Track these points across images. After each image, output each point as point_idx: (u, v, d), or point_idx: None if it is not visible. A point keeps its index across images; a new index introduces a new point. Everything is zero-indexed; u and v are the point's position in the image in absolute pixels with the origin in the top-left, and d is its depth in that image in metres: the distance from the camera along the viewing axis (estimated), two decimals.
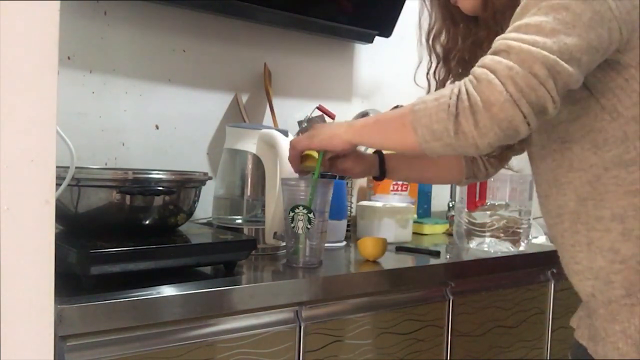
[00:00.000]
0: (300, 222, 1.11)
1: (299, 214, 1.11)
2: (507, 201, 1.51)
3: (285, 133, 1.24)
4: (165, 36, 1.47)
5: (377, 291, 1.17)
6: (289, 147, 1.09)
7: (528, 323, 1.48)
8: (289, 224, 1.13)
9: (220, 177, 1.36)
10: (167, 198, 1.03)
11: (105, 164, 1.38)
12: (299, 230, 1.12)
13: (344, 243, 1.46)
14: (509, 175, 1.48)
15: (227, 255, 1.06)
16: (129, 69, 1.42)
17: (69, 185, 0.93)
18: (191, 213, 1.13)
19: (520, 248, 1.49)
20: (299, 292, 1.04)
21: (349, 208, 1.57)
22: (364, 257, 1.26)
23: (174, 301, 0.89)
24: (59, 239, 0.76)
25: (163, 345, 0.89)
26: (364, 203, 1.59)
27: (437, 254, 1.39)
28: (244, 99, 1.60)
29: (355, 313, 1.13)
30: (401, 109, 0.86)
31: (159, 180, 1.03)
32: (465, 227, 1.53)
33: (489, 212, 1.50)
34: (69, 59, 1.33)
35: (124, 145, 1.41)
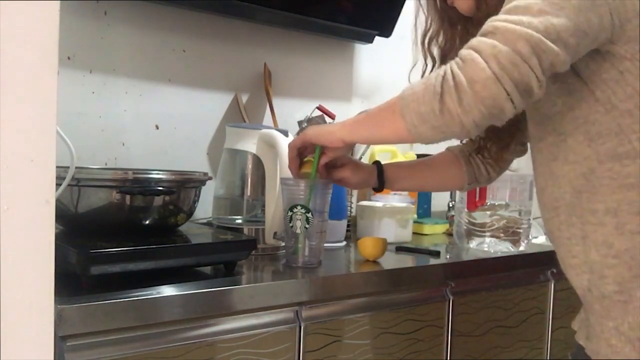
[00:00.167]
0: (299, 222, 1.11)
1: (297, 214, 1.11)
2: (507, 201, 1.51)
3: (285, 133, 1.24)
4: (165, 36, 1.47)
5: (377, 291, 1.17)
6: (288, 151, 1.09)
7: (528, 323, 1.48)
8: (287, 223, 1.13)
9: (220, 177, 1.36)
10: (167, 198, 1.03)
11: (105, 164, 1.38)
12: (297, 230, 1.12)
13: (344, 243, 1.46)
14: (509, 175, 1.48)
15: (227, 255, 1.06)
16: (129, 69, 1.42)
17: (69, 185, 0.93)
18: (191, 213, 1.13)
19: (520, 248, 1.49)
20: (299, 292, 1.04)
21: (349, 208, 1.57)
22: (364, 257, 1.26)
23: (174, 301, 0.89)
24: (59, 239, 0.76)
25: (163, 345, 0.89)
26: (364, 203, 1.59)
27: (437, 254, 1.39)
28: (244, 99, 1.60)
29: (355, 313, 1.13)
30: (391, 99, 0.87)
31: (159, 180, 1.03)
32: (465, 227, 1.53)
33: (489, 212, 1.50)
34: (69, 59, 1.33)
35: (124, 145, 1.41)
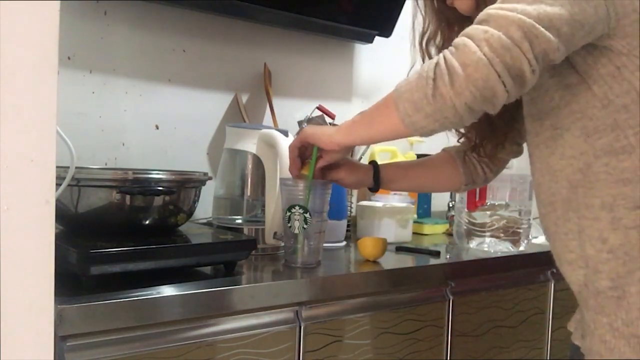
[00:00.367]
0: (297, 222, 1.11)
1: (295, 214, 1.11)
2: (507, 201, 1.51)
3: (285, 133, 1.24)
4: (165, 36, 1.47)
5: (377, 291, 1.17)
6: (289, 152, 1.09)
7: (528, 323, 1.48)
8: (286, 223, 1.13)
9: (220, 177, 1.36)
10: (167, 198, 1.03)
11: (105, 164, 1.38)
12: (295, 230, 1.12)
13: (344, 243, 1.46)
14: (509, 175, 1.48)
15: (227, 255, 1.06)
16: (129, 69, 1.42)
17: (69, 185, 0.93)
18: (191, 213, 1.13)
19: (520, 248, 1.49)
20: (299, 292, 1.04)
21: (349, 208, 1.57)
22: (364, 257, 1.26)
23: (174, 301, 0.89)
24: (59, 239, 0.76)
25: (163, 345, 0.89)
26: (364, 203, 1.59)
27: (437, 254, 1.39)
28: (244, 99, 1.60)
29: (355, 313, 1.13)
30: (385, 95, 0.87)
31: (159, 180, 1.03)
32: (465, 227, 1.53)
33: (489, 212, 1.50)
34: (69, 59, 1.33)
35: (124, 145, 1.41)
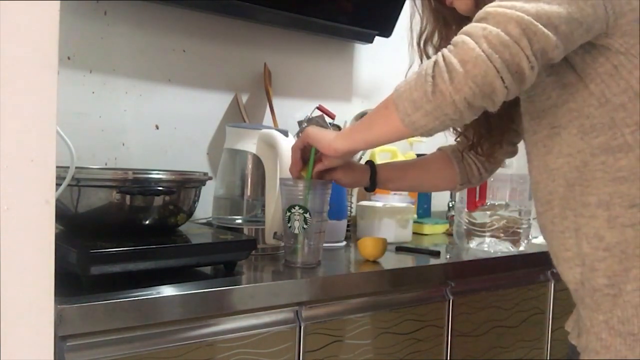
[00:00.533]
0: (297, 222, 1.11)
1: (295, 214, 1.11)
2: (507, 201, 1.51)
3: (285, 133, 1.24)
4: (165, 36, 1.47)
5: (377, 291, 1.17)
6: (292, 153, 1.10)
7: (528, 323, 1.48)
8: (285, 224, 1.13)
9: (220, 177, 1.36)
10: (167, 198, 1.03)
11: (105, 164, 1.38)
12: (295, 230, 1.12)
13: (344, 243, 1.46)
14: (509, 175, 1.48)
15: (227, 255, 1.06)
16: (129, 69, 1.42)
17: (69, 185, 0.93)
18: (191, 213, 1.13)
19: (520, 248, 1.49)
20: (299, 292, 1.04)
21: (349, 208, 1.57)
22: (364, 257, 1.26)
23: (174, 301, 0.89)
24: (59, 239, 0.75)
25: (163, 345, 0.89)
26: (364, 203, 1.59)
27: (437, 254, 1.39)
28: (244, 99, 1.60)
29: (355, 313, 1.13)
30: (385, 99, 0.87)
31: (159, 180, 1.03)
32: (465, 227, 1.53)
33: (489, 212, 1.50)
34: (69, 59, 1.33)
35: (124, 145, 1.41)
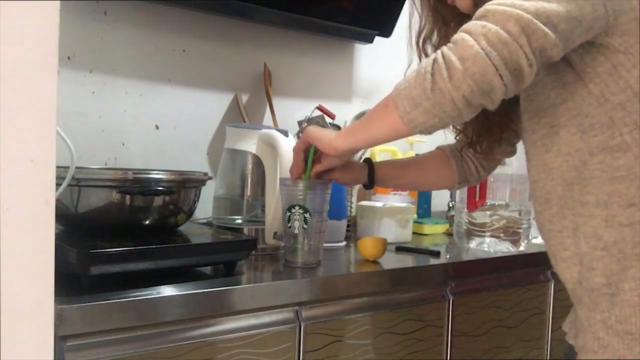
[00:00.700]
0: (297, 222, 1.11)
1: (295, 214, 1.11)
2: (507, 201, 1.51)
3: (285, 133, 1.24)
4: (165, 36, 1.47)
5: (377, 291, 1.17)
6: (294, 155, 1.10)
7: (528, 323, 1.48)
8: (285, 224, 1.13)
9: (220, 177, 1.36)
10: (167, 198, 1.03)
11: (105, 164, 1.38)
12: (295, 230, 1.12)
13: (344, 243, 1.46)
14: (509, 175, 1.48)
15: (227, 255, 1.06)
16: (129, 69, 1.42)
17: (69, 185, 0.93)
18: (191, 213, 1.13)
19: (520, 248, 1.49)
20: (299, 292, 1.04)
21: (349, 208, 1.57)
22: (364, 257, 1.26)
23: (174, 301, 0.89)
24: (59, 239, 0.76)
25: (163, 345, 0.89)
26: (364, 203, 1.59)
27: (437, 254, 1.39)
28: (244, 99, 1.60)
29: (355, 313, 1.13)
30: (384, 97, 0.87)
31: (159, 180, 1.03)
32: (465, 227, 1.53)
33: (489, 212, 1.50)
34: (69, 59, 1.33)
35: (124, 145, 1.41)
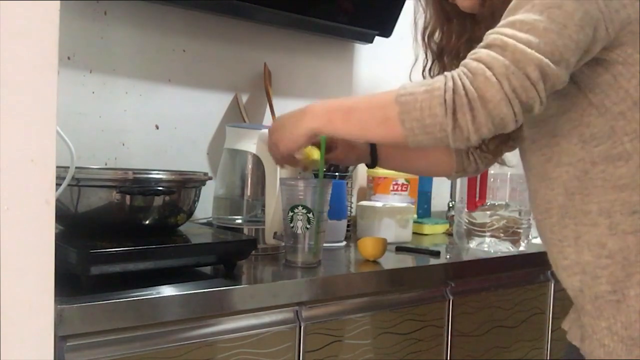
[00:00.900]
0: (300, 222, 1.11)
1: (298, 214, 1.11)
2: (507, 201, 1.51)
3: None
4: (165, 36, 1.47)
5: (377, 291, 1.17)
6: (273, 154, 1.06)
7: (528, 323, 1.48)
8: (287, 223, 1.13)
9: (220, 177, 1.36)
10: (167, 198, 1.03)
11: (105, 164, 1.38)
12: (297, 230, 1.12)
13: (344, 243, 1.46)
14: (509, 175, 1.48)
15: (227, 255, 1.06)
16: (129, 69, 1.42)
17: (69, 185, 0.93)
18: (191, 213, 1.13)
19: (520, 248, 1.49)
20: (299, 292, 1.04)
21: (349, 208, 1.57)
22: (364, 257, 1.26)
23: (174, 301, 0.89)
24: (59, 239, 0.76)
25: (163, 345, 0.89)
26: (364, 203, 1.59)
27: (437, 254, 1.39)
28: (244, 99, 1.60)
29: (355, 313, 1.13)
30: (379, 97, 0.85)
31: (159, 180, 1.03)
32: (465, 227, 1.53)
33: (489, 212, 1.50)
34: (69, 59, 1.33)
35: (124, 145, 1.41)
